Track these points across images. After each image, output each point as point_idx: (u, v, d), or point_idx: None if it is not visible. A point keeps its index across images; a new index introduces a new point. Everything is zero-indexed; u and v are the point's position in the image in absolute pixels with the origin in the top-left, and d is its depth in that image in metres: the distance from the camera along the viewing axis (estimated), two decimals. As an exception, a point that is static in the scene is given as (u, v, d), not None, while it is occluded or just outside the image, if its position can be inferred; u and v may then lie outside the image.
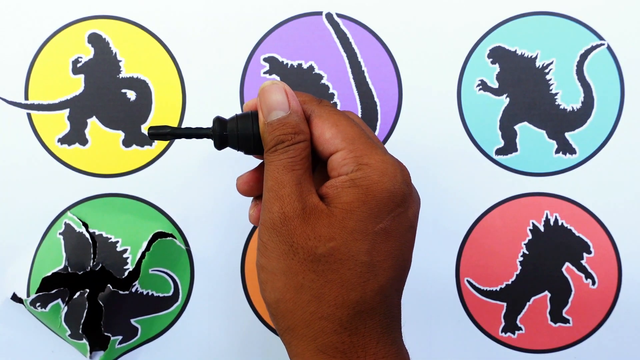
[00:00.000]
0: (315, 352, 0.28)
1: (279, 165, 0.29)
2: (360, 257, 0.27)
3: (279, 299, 0.28)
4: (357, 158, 0.29)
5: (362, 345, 0.27)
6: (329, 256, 0.27)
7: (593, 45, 0.45)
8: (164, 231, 0.43)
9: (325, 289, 0.27)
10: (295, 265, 0.27)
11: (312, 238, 0.27)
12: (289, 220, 0.28)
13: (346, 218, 0.27)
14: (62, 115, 0.43)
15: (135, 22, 0.43)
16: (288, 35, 0.44)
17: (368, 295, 0.27)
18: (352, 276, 0.27)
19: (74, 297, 0.42)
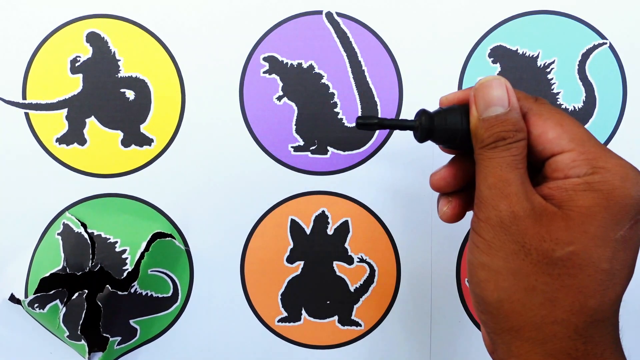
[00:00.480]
0: (543, 356, 0.27)
1: (501, 162, 0.28)
2: (602, 264, 0.26)
3: (503, 298, 0.27)
4: (590, 161, 0.27)
5: (596, 354, 0.26)
6: (567, 260, 0.26)
7: (595, 44, 0.45)
8: (163, 231, 0.43)
9: (560, 294, 0.26)
10: (527, 267, 0.27)
11: (548, 240, 0.26)
12: (520, 220, 0.27)
13: (586, 222, 0.26)
14: (61, 115, 0.43)
15: (134, 21, 0.43)
16: (288, 35, 0.43)
17: (606, 304, 0.26)
18: (592, 283, 0.26)
19: (73, 297, 0.41)
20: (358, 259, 0.45)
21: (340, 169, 0.45)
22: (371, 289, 0.45)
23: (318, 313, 0.45)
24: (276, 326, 0.45)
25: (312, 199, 0.45)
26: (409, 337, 0.46)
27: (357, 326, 0.46)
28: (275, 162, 0.44)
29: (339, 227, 0.45)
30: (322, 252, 0.45)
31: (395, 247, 0.45)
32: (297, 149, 0.44)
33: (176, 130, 0.44)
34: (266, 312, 0.45)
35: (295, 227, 0.45)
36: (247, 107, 0.44)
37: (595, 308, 0.26)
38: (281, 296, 0.45)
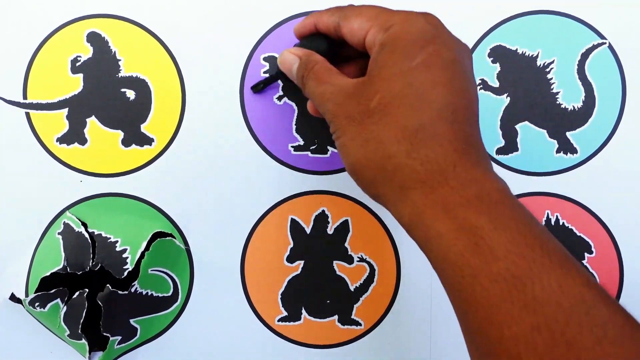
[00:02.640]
0: (398, 190, 0.29)
1: (312, 86, 0.34)
2: (405, 91, 0.29)
3: (353, 161, 0.31)
4: (382, 26, 0.32)
5: (438, 170, 0.28)
6: (379, 105, 0.30)
7: (594, 44, 0.45)
8: (164, 231, 0.43)
9: (384, 132, 0.29)
10: (356, 128, 0.31)
11: (362, 102, 0.31)
12: (342, 105, 0.32)
13: (382, 72, 0.30)
14: (61, 115, 0.43)
15: (134, 21, 0.43)
16: (287, 35, 0.43)
17: (425, 121, 0.29)
18: (404, 110, 0.29)
19: (73, 297, 0.41)
20: (358, 259, 0.45)
21: (340, 169, 0.45)
22: (371, 289, 0.45)
23: (318, 312, 0.45)
24: (276, 325, 0.45)
25: (312, 198, 0.45)
26: (409, 337, 0.46)
27: (357, 325, 0.46)
28: (276, 162, 0.44)
29: (339, 226, 0.45)
30: (322, 251, 0.45)
31: (395, 246, 0.45)
32: (297, 148, 0.44)
33: (176, 129, 0.44)
34: (266, 311, 0.45)
35: (296, 226, 0.45)
36: (248, 107, 0.44)
37: (415, 128, 0.29)
38: (281, 295, 0.45)
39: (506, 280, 0.25)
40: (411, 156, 0.29)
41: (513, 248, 0.25)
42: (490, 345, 0.25)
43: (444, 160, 0.28)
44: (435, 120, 0.29)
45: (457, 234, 0.27)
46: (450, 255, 0.27)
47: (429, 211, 0.28)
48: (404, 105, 0.29)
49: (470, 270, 0.26)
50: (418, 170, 0.28)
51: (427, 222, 0.28)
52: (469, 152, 0.29)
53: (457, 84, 0.30)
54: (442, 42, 0.31)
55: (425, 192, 0.28)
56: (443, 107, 0.29)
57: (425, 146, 0.28)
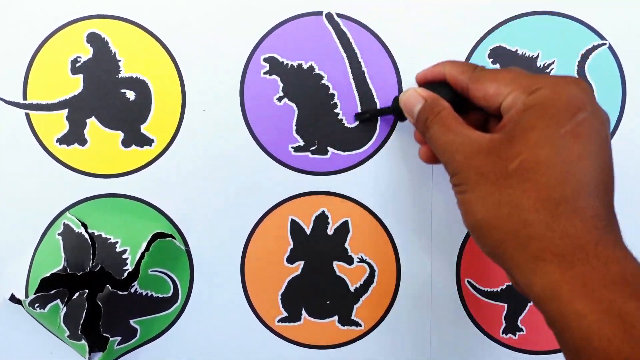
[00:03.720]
0: (531, 260, 0.28)
1: (437, 133, 0.33)
2: (551, 160, 0.28)
3: (479, 220, 0.30)
4: (526, 88, 0.31)
5: (579, 246, 0.27)
6: (519, 169, 0.29)
7: (594, 45, 0.45)
8: (164, 232, 0.43)
9: (522, 198, 0.28)
10: (488, 188, 0.30)
11: (499, 161, 0.30)
12: (472, 158, 0.31)
13: (527, 133, 0.29)
14: (61, 115, 0.43)
15: (134, 22, 0.43)
16: (288, 36, 0.43)
17: (569, 194, 0.28)
18: (548, 179, 0.28)
19: (73, 297, 0.41)
20: (358, 259, 0.45)
21: (340, 169, 0.45)
22: (371, 289, 0.45)
23: (318, 313, 0.45)
24: (276, 326, 0.45)
25: (312, 199, 0.45)
26: (409, 337, 0.46)
27: (357, 326, 0.46)
28: (276, 163, 0.44)
29: (339, 227, 0.45)
30: (322, 252, 0.45)
31: (395, 247, 0.45)
32: (297, 149, 0.44)
33: (176, 130, 0.44)
34: (266, 312, 0.45)
35: (296, 227, 0.45)
36: (248, 108, 0.44)
37: (557, 200, 0.28)
38: (281, 296, 0.45)
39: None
40: (551, 228, 0.28)
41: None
42: None
43: (585, 236, 0.27)
44: (578, 193, 0.28)
45: (601, 316, 0.26)
46: (594, 339, 0.26)
47: (566, 287, 0.27)
48: (548, 174, 0.28)
49: (620, 356, 0.25)
50: (557, 244, 0.28)
51: (564, 299, 0.27)
52: (609, 229, 0.28)
53: (602, 158, 0.29)
54: (592, 111, 0.30)
55: (563, 268, 0.27)
56: (588, 182, 0.28)
57: (566, 219, 0.28)
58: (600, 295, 0.26)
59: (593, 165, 0.29)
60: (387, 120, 0.44)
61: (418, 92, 0.37)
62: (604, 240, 0.27)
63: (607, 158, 0.30)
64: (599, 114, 0.30)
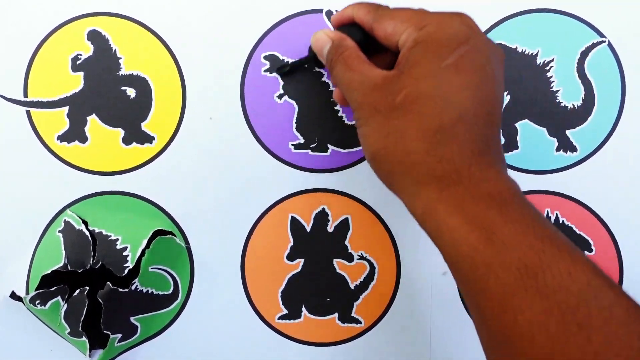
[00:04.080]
0: (414, 184, 0.31)
1: (340, 71, 0.34)
2: (431, 91, 0.30)
3: (373, 151, 0.32)
4: (416, 26, 0.32)
5: (454, 169, 0.29)
6: (404, 102, 0.31)
7: (594, 42, 0.45)
8: (164, 229, 0.43)
9: (406, 128, 0.31)
10: (379, 120, 0.32)
11: (388, 95, 0.31)
12: (368, 95, 0.32)
13: (412, 67, 0.31)
14: (62, 113, 0.43)
15: (135, 19, 0.43)
16: (288, 33, 0.44)
17: (446, 122, 0.30)
18: (427, 110, 0.30)
19: (74, 294, 0.42)
20: (358, 257, 0.45)
21: (341, 167, 0.45)
22: (371, 287, 0.45)
23: (318, 310, 0.46)
24: (276, 323, 0.45)
25: (313, 196, 0.45)
26: (409, 335, 0.46)
27: (357, 323, 0.46)
28: (276, 160, 0.44)
29: (339, 224, 0.45)
30: (322, 249, 0.45)
31: (395, 244, 0.45)
32: (297, 146, 0.44)
33: (177, 128, 0.44)
34: (266, 309, 0.45)
35: (296, 224, 0.45)
36: (248, 105, 0.44)
37: (435, 129, 0.30)
38: (281, 293, 0.45)
39: (519, 270, 0.26)
40: (429, 154, 0.30)
41: (524, 240, 0.27)
42: (505, 331, 0.27)
43: (460, 160, 0.30)
44: (455, 122, 0.30)
45: (469, 227, 0.28)
46: (463, 248, 0.28)
47: (442, 206, 0.29)
48: (428, 105, 0.30)
49: (483, 262, 0.27)
50: (435, 167, 0.30)
51: (440, 216, 0.29)
52: (485, 153, 0.30)
53: (483, 89, 0.31)
54: (475, 45, 0.31)
55: (439, 188, 0.30)
56: (465, 111, 0.30)
57: (443, 146, 0.30)
58: (468, 210, 0.29)
59: (472, 97, 0.30)
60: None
61: (326, 33, 0.37)
62: (478, 163, 0.30)
63: (490, 90, 0.31)
64: (483, 47, 0.31)
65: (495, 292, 0.27)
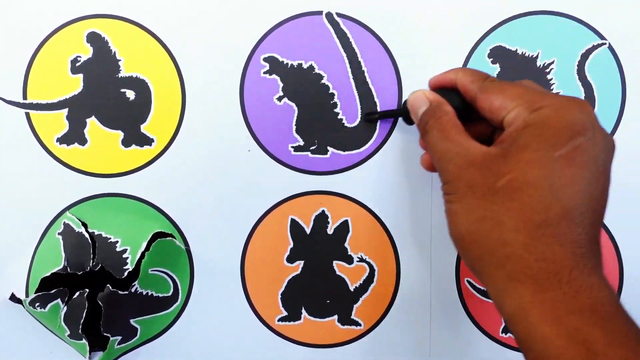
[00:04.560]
0: (506, 280, 0.28)
1: (435, 138, 0.33)
2: (539, 182, 0.28)
3: (462, 232, 0.30)
4: (530, 105, 0.30)
5: (553, 271, 0.27)
6: (507, 187, 0.29)
7: (594, 44, 0.45)
8: (164, 231, 0.43)
9: (505, 217, 0.28)
10: (475, 201, 0.30)
11: (490, 176, 0.29)
12: (465, 170, 0.31)
13: (521, 152, 0.29)
14: (61, 115, 0.43)
15: (134, 22, 0.43)
16: (288, 35, 0.43)
17: (552, 218, 0.28)
18: (533, 202, 0.28)
19: (74, 297, 0.42)
20: (358, 259, 0.45)
21: (340, 169, 0.45)
22: (371, 289, 0.45)
23: (318, 312, 0.46)
24: (276, 325, 0.45)
25: (312, 198, 0.45)
26: (409, 337, 0.46)
27: (357, 325, 0.46)
28: (276, 162, 0.44)
29: (339, 226, 0.45)
30: (322, 251, 0.45)
31: (395, 246, 0.45)
32: (297, 149, 0.44)
33: (176, 130, 0.44)
34: (266, 311, 0.45)
35: (295, 226, 0.45)
36: (248, 108, 0.44)
37: (538, 223, 0.28)
38: (281, 295, 0.45)
39: None
40: (528, 250, 0.28)
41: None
42: None
43: (561, 261, 0.27)
44: (560, 219, 0.28)
45: (566, 342, 0.26)
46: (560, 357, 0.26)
47: (536, 310, 0.27)
48: (534, 196, 0.28)
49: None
50: (532, 266, 0.28)
51: (532, 321, 0.27)
52: (588, 256, 0.28)
53: (594, 185, 0.29)
54: (592, 137, 0.29)
55: (534, 290, 0.27)
56: (574, 208, 0.28)
57: (544, 243, 0.28)
58: (567, 321, 0.26)
59: (582, 192, 0.28)
60: (387, 119, 0.44)
61: (425, 94, 0.36)
62: (580, 267, 0.27)
63: (601, 186, 0.29)
64: (599, 140, 0.29)
65: None
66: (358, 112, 0.44)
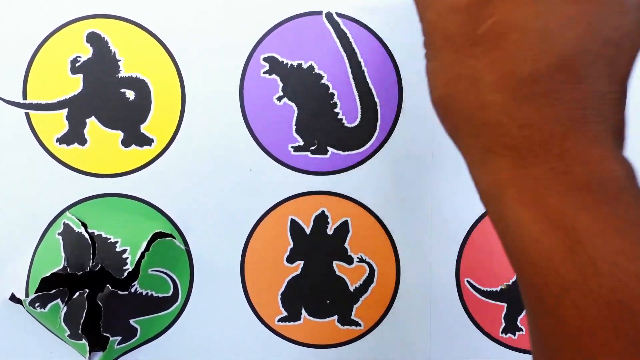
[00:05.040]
0: (482, 151, 0.23)
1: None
2: (528, 23, 0.22)
3: (435, 97, 0.25)
4: None
5: (540, 141, 0.21)
6: (489, 34, 0.22)
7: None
8: (164, 231, 0.43)
9: (484, 72, 0.23)
10: (452, 56, 0.24)
11: (470, 22, 0.23)
12: (443, 17, 0.24)
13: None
14: (61, 115, 0.43)
15: (134, 22, 0.43)
16: (288, 35, 0.43)
17: (541, 69, 0.21)
18: (518, 49, 0.22)
19: (74, 297, 0.42)
20: (358, 259, 0.45)
21: (340, 169, 0.45)
22: (371, 289, 0.45)
23: (318, 312, 0.46)
24: (276, 325, 0.45)
25: (312, 199, 0.45)
26: (409, 337, 0.46)
27: (357, 326, 0.46)
28: (275, 162, 0.44)
29: (339, 227, 0.45)
30: (322, 251, 0.45)
31: (395, 247, 0.45)
32: (297, 149, 0.44)
33: (176, 130, 0.44)
34: (266, 311, 0.45)
35: (295, 227, 0.45)
36: (247, 107, 0.44)
37: (525, 77, 0.21)
38: (281, 296, 0.45)
39: (609, 305, 0.19)
40: (509, 113, 0.22)
41: (623, 262, 0.19)
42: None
43: (551, 127, 0.21)
44: (555, 71, 0.21)
45: (545, 228, 0.21)
46: (532, 254, 0.21)
47: (513, 190, 0.22)
48: (519, 42, 0.22)
49: (558, 281, 0.20)
50: (513, 134, 0.22)
51: (508, 202, 0.22)
52: (593, 121, 0.21)
53: (604, 23, 0.21)
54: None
55: (514, 165, 0.22)
56: (572, 56, 0.21)
57: (531, 104, 0.21)
58: (550, 202, 0.21)
59: (584, 35, 0.21)
60: (387, 119, 0.44)
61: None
62: (578, 135, 0.21)
63: (615, 24, 0.21)
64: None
65: (569, 324, 0.20)
66: (358, 112, 0.44)
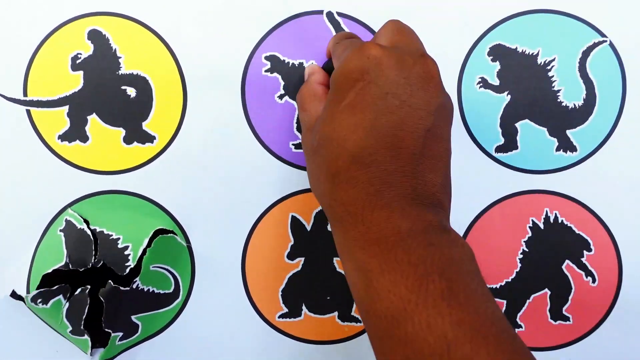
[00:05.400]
0: (331, 222, 0.33)
1: (298, 109, 0.39)
2: (331, 134, 0.31)
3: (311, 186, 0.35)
4: (338, 62, 0.33)
5: (352, 212, 0.30)
6: (317, 146, 0.32)
7: (595, 42, 0.45)
8: (165, 228, 0.43)
9: (318, 170, 0.32)
10: (308, 161, 0.34)
11: (312, 138, 0.33)
12: (304, 135, 0.35)
13: (323, 112, 0.33)
14: (62, 112, 0.43)
15: (135, 19, 0.43)
16: (289, 34, 0.43)
17: (341, 166, 0.30)
18: (328, 154, 0.31)
19: (75, 293, 0.42)
20: (358, 256, 0.45)
21: (341, 167, 0.45)
22: (371, 286, 0.46)
23: (318, 309, 0.46)
24: (277, 322, 0.46)
25: (312, 196, 0.45)
26: (409, 333, 0.46)
27: (357, 322, 0.46)
28: (277, 160, 0.44)
29: (340, 224, 0.45)
30: (322, 248, 0.45)
31: (395, 244, 0.45)
32: (298, 146, 0.44)
33: (178, 127, 0.44)
34: (267, 307, 0.46)
35: (296, 224, 0.45)
36: (249, 105, 0.44)
37: (333, 173, 0.30)
38: (282, 292, 0.46)
39: (387, 318, 0.27)
40: (333, 197, 0.31)
41: (394, 289, 0.27)
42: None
43: (354, 202, 0.30)
44: (349, 165, 0.30)
45: (357, 274, 0.29)
46: (354, 291, 0.30)
47: (343, 249, 0.31)
48: (327, 149, 0.31)
49: (364, 308, 0.29)
50: (337, 211, 0.31)
51: (342, 258, 0.31)
52: (383, 193, 0.29)
53: (381, 122, 0.29)
54: (373, 78, 0.30)
55: (342, 232, 0.30)
56: (360, 151, 0.29)
57: (341, 189, 0.30)
58: (357, 256, 0.29)
59: (368, 135, 0.29)
60: None
61: (309, 66, 0.41)
62: (372, 205, 0.29)
63: (392, 121, 0.29)
64: (381, 78, 0.30)
65: (373, 335, 0.29)
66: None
